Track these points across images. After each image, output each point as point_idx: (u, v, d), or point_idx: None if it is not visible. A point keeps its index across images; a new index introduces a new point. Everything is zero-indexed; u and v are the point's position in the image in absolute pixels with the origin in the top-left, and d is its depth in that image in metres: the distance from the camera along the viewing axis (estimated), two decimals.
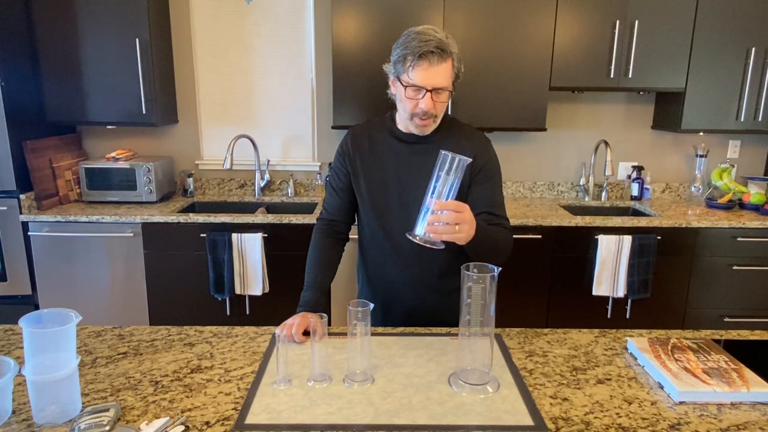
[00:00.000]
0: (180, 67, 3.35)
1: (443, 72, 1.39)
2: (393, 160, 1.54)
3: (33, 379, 1.01)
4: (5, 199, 2.85)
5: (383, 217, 1.56)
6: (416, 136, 1.53)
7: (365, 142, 1.59)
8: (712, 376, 1.19)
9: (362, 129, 1.63)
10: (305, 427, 1.04)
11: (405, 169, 1.53)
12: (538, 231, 2.87)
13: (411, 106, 1.43)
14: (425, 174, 1.50)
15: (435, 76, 1.38)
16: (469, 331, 1.21)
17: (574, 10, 2.93)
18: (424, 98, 1.40)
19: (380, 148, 1.56)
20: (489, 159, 1.55)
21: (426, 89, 1.39)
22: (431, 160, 1.49)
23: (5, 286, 2.95)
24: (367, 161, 1.57)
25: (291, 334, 1.38)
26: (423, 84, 1.39)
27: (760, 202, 3.12)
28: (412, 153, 1.53)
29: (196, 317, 2.97)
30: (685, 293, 2.96)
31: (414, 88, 1.40)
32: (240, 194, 3.49)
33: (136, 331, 1.45)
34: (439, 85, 1.39)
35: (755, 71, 2.99)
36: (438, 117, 1.48)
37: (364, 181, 1.57)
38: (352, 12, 2.91)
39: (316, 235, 1.67)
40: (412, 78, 1.39)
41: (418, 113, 1.43)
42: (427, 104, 1.41)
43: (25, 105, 2.94)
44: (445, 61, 1.38)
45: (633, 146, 3.47)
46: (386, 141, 1.56)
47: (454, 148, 1.51)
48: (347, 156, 1.59)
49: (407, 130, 1.54)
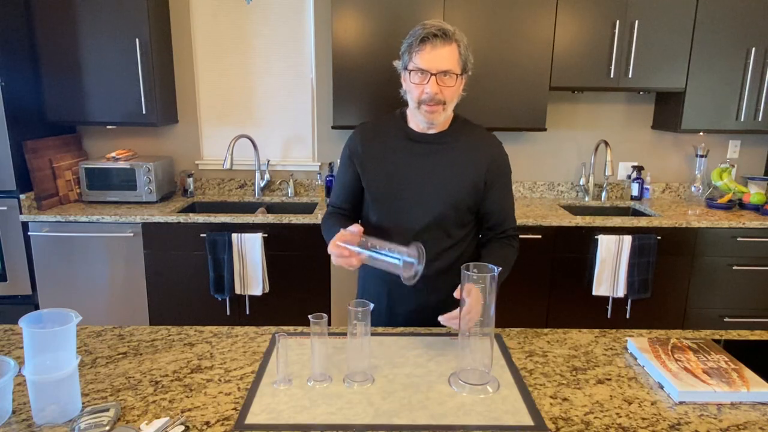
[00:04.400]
0: (180, 67, 3.35)
1: (448, 55, 1.38)
2: (404, 160, 1.52)
3: (33, 379, 1.01)
4: (5, 199, 2.85)
5: (391, 216, 1.54)
6: (430, 136, 1.51)
7: (375, 140, 1.56)
8: (712, 376, 1.19)
9: (372, 127, 1.60)
10: (305, 427, 1.04)
11: (416, 169, 1.51)
12: (538, 231, 2.87)
13: (418, 92, 1.42)
14: (436, 174, 1.50)
15: (439, 59, 1.37)
16: (469, 331, 1.21)
17: (574, 10, 2.93)
18: (430, 82, 1.38)
19: (390, 147, 1.54)
20: (505, 162, 1.55)
21: (431, 72, 1.38)
22: (445, 161, 1.50)
23: (5, 286, 2.95)
24: (376, 159, 1.54)
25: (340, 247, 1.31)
26: (427, 67, 1.38)
27: (760, 202, 3.12)
28: (423, 153, 1.51)
29: (196, 317, 2.97)
30: (685, 293, 2.96)
31: (419, 73, 1.39)
32: (240, 194, 3.49)
33: (136, 331, 1.45)
34: (443, 67, 1.38)
35: (755, 71, 2.98)
36: (447, 105, 1.44)
37: (373, 179, 1.55)
38: (352, 12, 2.91)
39: (326, 217, 1.63)
40: (416, 63, 1.39)
41: (425, 99, 1.41)
42: (432, 87, 1.39)
43: (25, 105, 2.94)
44: (448, 44, 1.37)
45: (633, 146, 3.47)
46: (397, 140, 1.54)
47: (467, 148, 1.52)
48: (355, 154, 1.57)
49: (419, 128, 1.52)
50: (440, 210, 1.50)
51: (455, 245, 1.56)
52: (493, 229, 1.58)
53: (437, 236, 1.52)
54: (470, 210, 1.55)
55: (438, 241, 1.52)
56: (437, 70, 1.38)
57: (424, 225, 1.51)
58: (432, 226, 1.51)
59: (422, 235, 1.50)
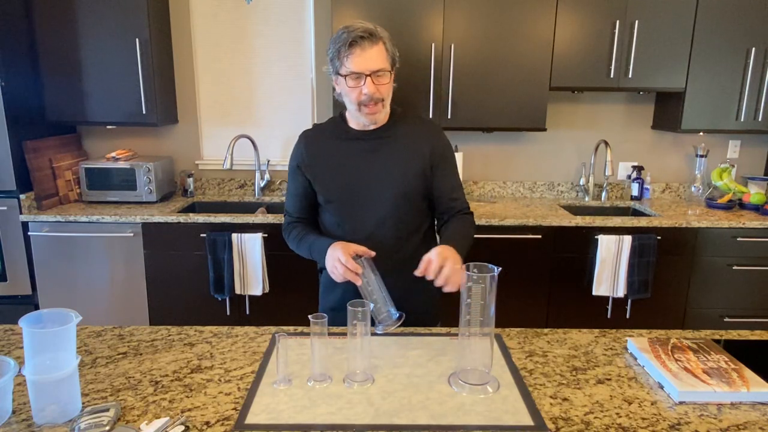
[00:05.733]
0: (180, 67, 3.35)
1: (377, 55, 1.42)
2: (350, 160, 1.55)
3: (33, 379, 1.01)
4: (5, 199, 2.85)
5: (346, 216, 1.57)
6: (371, 132, 1.55)
7: (319, 146, 1.60)
8: (712, 376, 1.19)
9: (313, 134, 1.64)
10: (305, 427, 1.04)
11: (365, 166, 1.54)
12: (538, 231, 2.87)
13: (355, 95, 1.45)
14: (384, 168, 1.54)
15: (370, 60, 1.41)
16: (469, 331, 1.21)
17: (574, 10, 2.93)
18: (366, 83, 1.43)
19: (336, 151, 1.57)
20: (446, 144, 1.61)
21: (365, 74, 1.42)
22: (390, 154, 1.55)
23: (5, 286, 2.95)
24: (323, 164, 1.57)
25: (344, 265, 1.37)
26: (361, 69, 1.42)
27: (760, 202, 3.12)
28: (369, 150, 1.55)
29: (196, 317, 2.97)
30: (685, 293, 2.96)
31: (354, 76, 1.43)
32: (240, 194, 3.49)
33: (136, 331, 1.45)
34: (376, 67, 1.42)
35: (755, 71, 2.98)
36: (385, 102, 1.50)
37: (324, 183, 1.58)
38: (352, 12, 2.91)
39: (287, 230, 1.67)
40: (349, 67, 1.42)
41: (364, 100, 1.45)
42: (369, 88, 1.43)
43: (25, 105, 2.94)
44: (376, 44, 1.42)
45: (633, 146, 3.47)
46: (341, 142, 1.57)
47: (408, 138, 1.57)
48: (302, 162, 1.60)
49: (360, 126, 1.56)
50: (393, 201, 1.54)
51: (413, 234, 1.59)
52: (447, 213, 1.62)
53: (394, 227, 1.56)
54: (423, 197, 1.59)
55: (396, 231, 1.56)
56: (370, 70, 1.42)
57: (380, 218, 1.54)
58: (387, 219, 1.55)
59: (380, 229, 1.54)
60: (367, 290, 1.39)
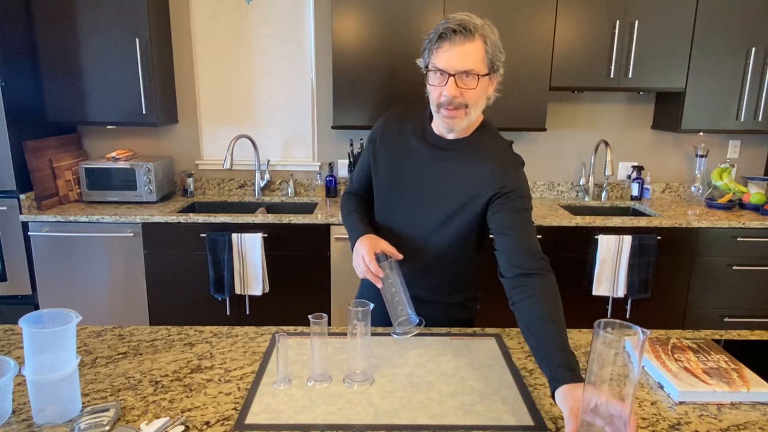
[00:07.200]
0: (180, 67, 3.35)
1: (469, 53, 1.23)
2: (412, 163, 1.43)
3: (33, 379, 1.01)
4: (5, 199, 2.85)
5: (391, 216, 1.49)
6: (446, 141, 1.40)
7: (393, 133, 1.47)
8: (712, 376, 1.19)
9: (396, 117, 1.50)
10: (305, 427, 1.04)
11: (424, 173, 1.41)
12: (538, 231, 2.87)
13: (436, 94, 1.29)
14: (442, 181, 1.40)
15: (458, 58, 1.23)
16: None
17: (574, 10, 2.93)
18: (448, 83, 1.25)
19: (406, 145, 1.44)
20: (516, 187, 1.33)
21: (449, 73, 1.25)
22: (449, 172, 1.39)
23: (5, 286, 2.94)
24: (390, 154, 1.46)
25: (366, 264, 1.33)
26: (445, 67, 1.25)
27: (760, 202, 3.12)
28: (432, 158, 1.40)
29: (196, 317, 2.97)
30: (685, 293, 2.96)
31: (437, 74, 1.27)
32: (240, 194, 3.49)
33: (136, 331, 1.45)
34: (464, 67, 1.24)
35: (755, 71, 2.98)
36: (470, 109, 1.29)
37: (381, 174, 1.48)
38: (352, 12, 2.91)
39: (345, 198, 1.61)
40: (434, 62, 1.27)
41: (443, 102, 1.28)
42: (450, 90, 1.25)
43: (25, 105, 2.94)
44: (470, 41, 1.23)
45: (633, 146, 3.47)
46: (414, 139, 1.44)
47: (478, 163, 1.38)
48: (373, 140, 1.50)
49: (438, 131, 1.41)
50: (435, 223, 1.41)
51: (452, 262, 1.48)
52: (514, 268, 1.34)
53: (425, 251, 1.45)
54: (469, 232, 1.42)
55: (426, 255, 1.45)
56: (456, 70, 1.24)
57: (421, 233, 1.44)
58: (428, 236, 1.43)
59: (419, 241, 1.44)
60: (390, 292, 1.35)
